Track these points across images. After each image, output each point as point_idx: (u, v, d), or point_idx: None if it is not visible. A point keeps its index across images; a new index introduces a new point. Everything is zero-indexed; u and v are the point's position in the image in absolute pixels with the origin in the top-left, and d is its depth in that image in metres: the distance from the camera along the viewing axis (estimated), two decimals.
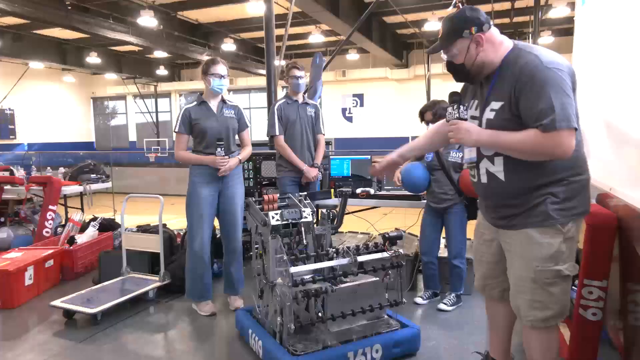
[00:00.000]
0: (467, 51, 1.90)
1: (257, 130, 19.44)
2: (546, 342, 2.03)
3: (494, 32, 1.92)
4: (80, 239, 4.72)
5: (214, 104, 3.50)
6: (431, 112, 3.45)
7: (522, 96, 1.80)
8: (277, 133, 4.00)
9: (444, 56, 2.01)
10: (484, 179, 2.01)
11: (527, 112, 1.79)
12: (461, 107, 1.97)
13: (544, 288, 1.92)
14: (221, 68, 3.43)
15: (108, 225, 5.34)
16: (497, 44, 1.91)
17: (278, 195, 3.22)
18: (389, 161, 2.35)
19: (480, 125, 1.96)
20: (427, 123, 3.47)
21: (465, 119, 1.96)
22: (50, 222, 5.10)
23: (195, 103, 3.49)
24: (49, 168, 6.48)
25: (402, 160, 2.40)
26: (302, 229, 2.97)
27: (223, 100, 3.55)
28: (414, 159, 3.53)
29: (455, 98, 2.00)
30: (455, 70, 1.99)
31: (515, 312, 2.07)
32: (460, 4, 2.10)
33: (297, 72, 3.99)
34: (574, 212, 1.92)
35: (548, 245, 1.89)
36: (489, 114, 1.92)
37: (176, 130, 3.44)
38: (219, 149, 3.37)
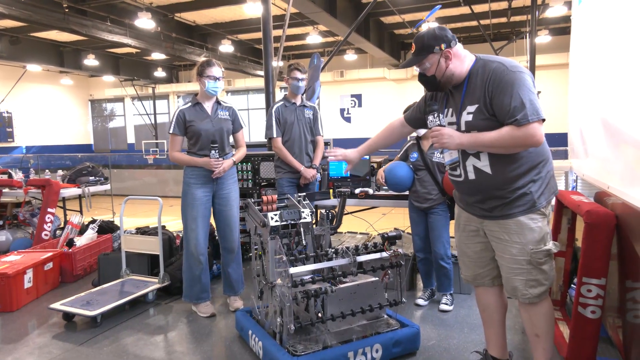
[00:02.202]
0: (437, 64, 2.15)
1: (256, 131, 19.48)
2: (547, 316, 2.25)
3: (459, 48, 2.18)
4: (79, 241, 4.72)
5: (208, 106, 3.50)
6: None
7: (495, 97, 2.04)
8: (275, 135, 4.01)
9: (416, 69, 2.25)
10: (471, 176, 2.19)
11: (501, 110, 2.03)
12: (440, 115, 2.23)
13: (538, 267, 2.16)
14: (216, 70, 3.42)
15: (107, 228, 5.34)
16: (462, 58, 2.17)
17: (277, 196, 3.22)
18: (344, 156, 2.65)
19: (458, 128, 2.17)
20: None
21: (444, 126, 2.20)
22: (49, 224, 5.10)
23: (189, 104, 3.49)
24: (47, 171, 6.47)
25: (358, 157, 2.67)
26: (301, 229, 2.98)
27: (218, 102, 3.56)
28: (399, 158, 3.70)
29: (434, 107, 2.25)
30: (427, 81, 2.22)
31: (511, 293, 2.25)
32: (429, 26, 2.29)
33: (298, 74, 3.97)
34: (550, 194, 2.18)
35: (538, 229, 2.14)
36: (466, 117, 2.13)
37: (170, 131, 3.44)
38: (213, 152, 3.38)
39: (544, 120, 2.00)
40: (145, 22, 11.22)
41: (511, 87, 2.00)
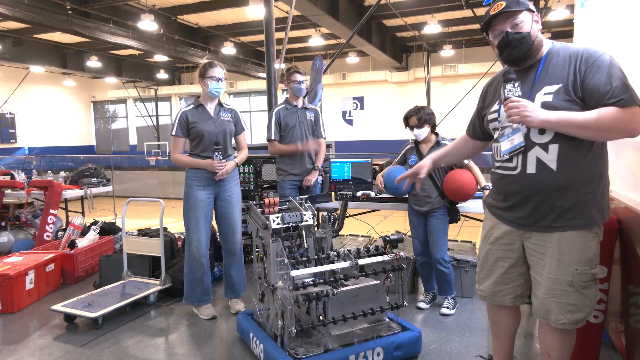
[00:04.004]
0: (532, 23, 1.93)
1: (258, 133, 19.50)
2: (568, 340, 2.04)
3: None
4: (81, 243, 4.72)
5: (211, 107, 3.51)
6: (416, 117, 3.46)
7: (589, 76, 1.81)
8: (273, 137, 4.02)
9: (494, 37, 1.96)
10: (531, 169, 1.92)
11: (598, 90, 1.79)
12: (520, 86, 1.90)
13: (580, 291, 1.92)
14: (218, 71, 3.44)
15: (109, 229, 5.34)
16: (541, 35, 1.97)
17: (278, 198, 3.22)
18: (426, 169, 2.44)
19: None
20: (412, 128, 3.49)
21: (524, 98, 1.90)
22: (51, 226, 5.10)
23: (192, 106, 3.50)
24: (49, 172, 6.48)
25: (434, 166, 2.50)
26: (303, 232, 2.97)
27: (220, 104, 3.56)
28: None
29: (511, 76, 1.91)
30: (518, 41, 1.90)
31: (541, 316, 2.01)
32: None
33: (298, 77, 3.99)
34: (605, 215, 1.97)
35: (589, 249, 1.91)
36: (543, 97, 1.88)
37: (173, 133, 3.45)
38: (216, 153, 3.38)
39: None
40: (148, 24, 11.27)
41: (609, 68, 1.79)
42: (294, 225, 2.93)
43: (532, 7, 1.93)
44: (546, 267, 1.96)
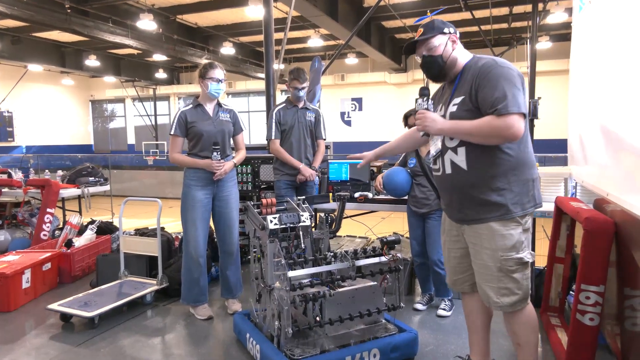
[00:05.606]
0: (445, 45, 2.22)
1: (256, 134, 19.49)
2: (525, 320, 2.21)
3: (460, 43, 2.27)
4: (78, 242, 4.71)
5: (209, 108, 3.51)
6: (414, 116, 3.50)
7: (480, 89, 2.08)
8: (273, 137, 4.02)
9: (418, 57, 2.29)
10: (448, 170, 2.22)
11: (484, 101, 2.07)
12: (430, 100, 2.25)
13: (509, 275, 2.14)
14: (218, 72, 3.44)
15: (106, 229, 5.34)
16: (463, 51, 2.26)
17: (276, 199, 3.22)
18: (368, 159, 2.79)
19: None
20: (410, 127, 3.53)
21: (431, 110, 2.24)
22: (48, 225, 5.09)
23: (191, 106, 3.50)
24: (47, 171, 6.45)
25: (377, 158, 2.82)
26: (300, 232, 2.97)
27: (219, 104, 3.57)
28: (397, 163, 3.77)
29: (425, 92, 2.26)
30: (431, 63, 2.24)
31: (484, 300, 2.24)
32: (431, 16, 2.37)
33: (297, 84, 3.97)
34: (529, 206, 2.17)
35: (510, 236, 2.13)
36: (452, 108, 2.19)
37: (172, 132, 3.45)
38: (215, 153, 3.38)
39: (525, 115, 2.03)
40: (147, 23, 11.26)
41: (496, 80, 2.04)
42: (292, 225, 2.93)
43: (447, 30, 2.23)
44: (477, 255, 2.21)
